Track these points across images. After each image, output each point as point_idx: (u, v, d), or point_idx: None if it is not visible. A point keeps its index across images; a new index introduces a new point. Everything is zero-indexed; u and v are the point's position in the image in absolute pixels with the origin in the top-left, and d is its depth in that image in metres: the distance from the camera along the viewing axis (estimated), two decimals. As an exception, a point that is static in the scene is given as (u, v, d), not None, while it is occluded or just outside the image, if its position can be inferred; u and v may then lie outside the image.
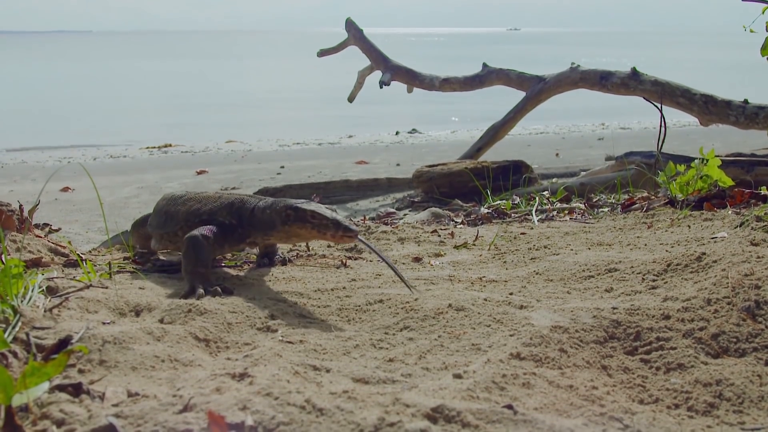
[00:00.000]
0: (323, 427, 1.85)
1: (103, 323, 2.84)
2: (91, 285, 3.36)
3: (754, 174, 7.38)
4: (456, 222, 6.31)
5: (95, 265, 4.11)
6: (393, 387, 2.31)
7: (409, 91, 13.90)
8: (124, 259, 4.48)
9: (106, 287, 3.41)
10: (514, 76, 12.48)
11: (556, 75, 11.71)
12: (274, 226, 3.52)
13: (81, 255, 4.13)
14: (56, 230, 5.30)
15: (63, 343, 2.48)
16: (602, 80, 10.97)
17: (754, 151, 9.91)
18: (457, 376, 2.41)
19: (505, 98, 13.51)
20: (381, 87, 13.16)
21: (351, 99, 13.92)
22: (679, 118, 19.22)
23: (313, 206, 3.39)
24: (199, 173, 13.92)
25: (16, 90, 35.68)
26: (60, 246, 4.43)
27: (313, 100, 30.18)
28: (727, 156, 7.70)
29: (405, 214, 7.71)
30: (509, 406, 2.06)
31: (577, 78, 11.37)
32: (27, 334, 2.54)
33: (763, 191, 6.01)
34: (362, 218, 6.86)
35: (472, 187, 8.16)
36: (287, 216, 3.43)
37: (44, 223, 5.36)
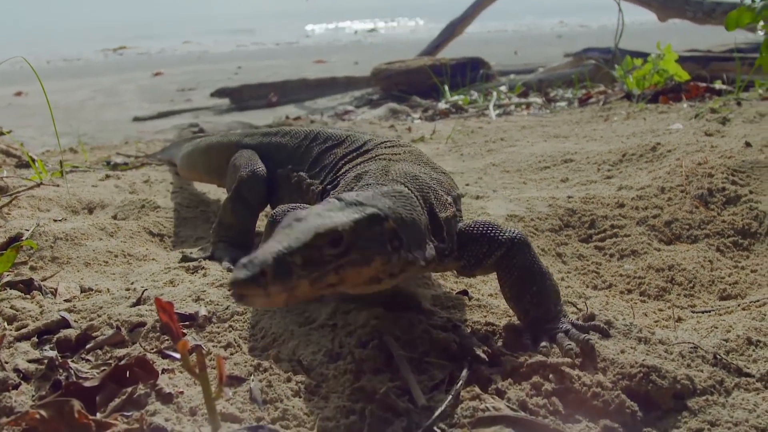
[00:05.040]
0: (277, 316, 1.85)
1: (55, 220, 2.80)
2: (42, 183, 3.31)
3: (709, 69, 7.37)
4: (414, 117, 6.29)
5: (46, 165, 4.05)
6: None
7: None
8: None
9: (58, 185, 3.36)
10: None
11: (515, -30, 11.55)
12: None
13: (33, 156, 4.06)
14: (7, 132, 5.19)
15: (12, 241, 2.45)
16: (561, -25, 10.82)
17: (711, 48, 9.87)
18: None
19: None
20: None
21: (307, -3, 13.65)
22: (636, 16, 19.12)
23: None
24: (155, 75, 13.66)
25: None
26: (12, 148, 4.35)
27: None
28: (684, 51, 7.67)
29: (363, 112, 7.64)
30: (464, 292, 2.07)
31: (536, -27, 11.21)
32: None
33: (718, 85, 6.04)
34: (320, 115, 6.80)
35: (431, 84, 8.08)
36: None
37: (-6, 125, 5.25)
